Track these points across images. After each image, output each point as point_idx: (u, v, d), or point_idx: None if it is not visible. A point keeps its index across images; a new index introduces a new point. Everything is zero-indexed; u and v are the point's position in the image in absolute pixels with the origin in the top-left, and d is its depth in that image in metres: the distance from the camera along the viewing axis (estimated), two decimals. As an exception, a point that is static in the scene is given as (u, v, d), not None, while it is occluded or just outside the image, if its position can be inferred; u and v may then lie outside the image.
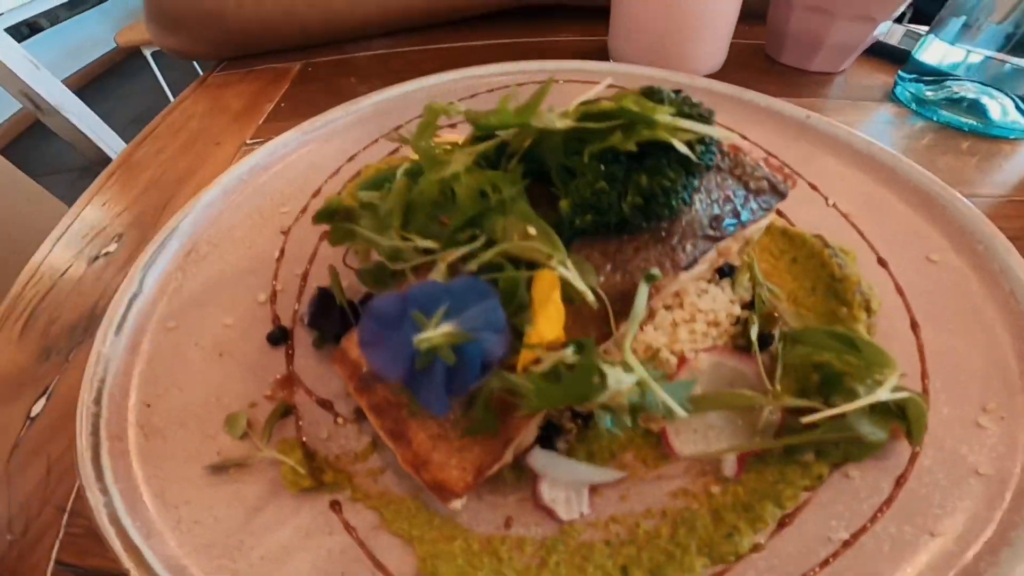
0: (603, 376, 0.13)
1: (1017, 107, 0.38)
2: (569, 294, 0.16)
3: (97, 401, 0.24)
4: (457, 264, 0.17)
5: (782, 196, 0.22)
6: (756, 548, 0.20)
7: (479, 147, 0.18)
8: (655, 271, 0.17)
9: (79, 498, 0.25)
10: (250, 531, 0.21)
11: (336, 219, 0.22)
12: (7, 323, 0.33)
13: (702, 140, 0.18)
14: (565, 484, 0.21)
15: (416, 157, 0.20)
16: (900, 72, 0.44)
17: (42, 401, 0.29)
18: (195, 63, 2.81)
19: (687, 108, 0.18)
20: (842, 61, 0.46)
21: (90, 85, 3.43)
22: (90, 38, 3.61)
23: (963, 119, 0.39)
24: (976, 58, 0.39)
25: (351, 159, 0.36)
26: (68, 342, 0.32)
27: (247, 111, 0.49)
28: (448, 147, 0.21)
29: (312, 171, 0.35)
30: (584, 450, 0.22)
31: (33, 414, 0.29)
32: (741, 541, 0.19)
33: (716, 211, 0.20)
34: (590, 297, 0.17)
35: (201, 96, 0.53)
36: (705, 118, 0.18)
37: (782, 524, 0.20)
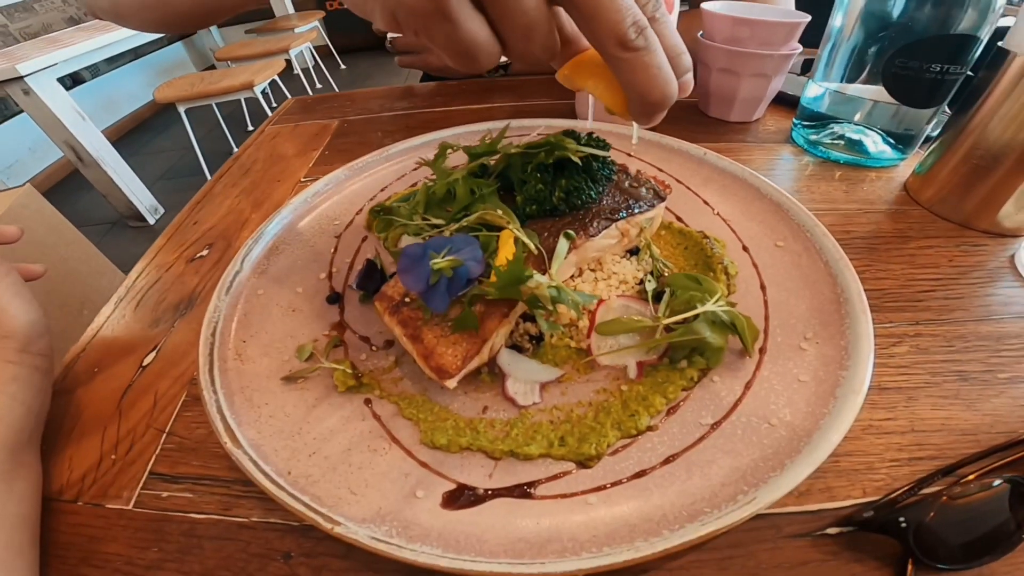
0: (529, 274, 0.26)
1: (884, 140, 0.53)
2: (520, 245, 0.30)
3: (212, 334, 0.36)
4: (456, 232, 0.31)
5: (662, 199, 0.36)
6: (652, 428, 0.29)
7: (471, 165, 0.32)
8: (571, 232, 0.30)
9: (177, 420, 0.35)
10: (307, 420, 0.30)
11: (381, 214, 0.36)
12: (122, 304, 0.47)
13: (598, 160, 0.32)
14: (523, 381, 0.33)
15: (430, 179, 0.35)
16: (794, 118, 0.59)
17: (152, 354, 0.42)
18: (225, 130, 3.08)
19: (589, 140, 0.33)
20: (753, 112, 0.62)
21: (123, 138, 3.63)
22: (126, 91, 3.80)
23: (845, 155, 0.54)
24: (839, 96, 0.52)
25: (383, 189, 0.51)
26: (173, 315, 0.45)
27: (299, 156, 0.66)
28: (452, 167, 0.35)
29: (355, 197, 0.50)
30: (537, 362, 0.34)
31: (145, 364, 0.41)
32: (640, 420, 0.29)
33: (616, 205, 0.34)
34: (532, 247, 0.30)
35: (261, 145, 0.70)
36: (600, 146, 0.32)
37: (670, 412, 0.30)
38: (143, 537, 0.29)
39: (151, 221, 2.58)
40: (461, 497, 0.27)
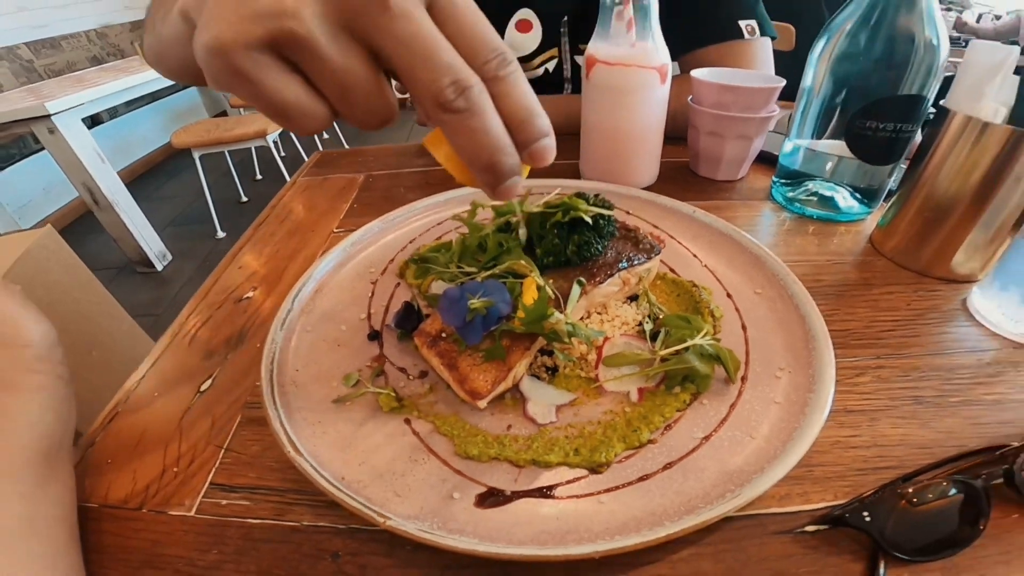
0: (551, 312, 0.33)
1: (852, 195, 0.61)
2: (540, 291, 0.37)
3: (271, 363, 0.42)
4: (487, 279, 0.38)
5: (657, 252, 0.43)
6: (652, 441, 0.34)
7: (499, 221, 0.40)
8: (582, 279, 0.38)
9: (234, 438, 0.40)
10: (356, 436, 0.35)
11: (418, 262, 0.43)
12: (177, 338, 0.53)
13: (604, 219, 0.40)
14: (542, 404, 0.39)
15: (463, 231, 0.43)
16: (774, 177, 0.68)
17: (208, 382, 0.47)
18: (235, 178, 3.11)
19: (596, 201, 0.41)
20: (737, 171, 0.70)
21: (135, 181, 3.61)
22: (140, 134, 3.76)
23: (818, 211, 0.62)
24: (810, 153, 0.58)
25: (412, 241, 0.59)
26: (225, 348, 0.51)
27: (331, 208, 0.74)
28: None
29: (387, 249, 0.58)
30: (553, 387, 0.40)
31: (202, 390, 0.47)
32: (642, 435, 0.34)
33: (619, 257, 0.42)
34: (550, 293, 0.37)
35: (295, 195, 0.79)
36: (606, 207, 0.40)
37: (667, 428, 0.35)
38: (203, 540, 0.33)
39: (159, 267, 2.55)
40: (491, 498, 0.32)
